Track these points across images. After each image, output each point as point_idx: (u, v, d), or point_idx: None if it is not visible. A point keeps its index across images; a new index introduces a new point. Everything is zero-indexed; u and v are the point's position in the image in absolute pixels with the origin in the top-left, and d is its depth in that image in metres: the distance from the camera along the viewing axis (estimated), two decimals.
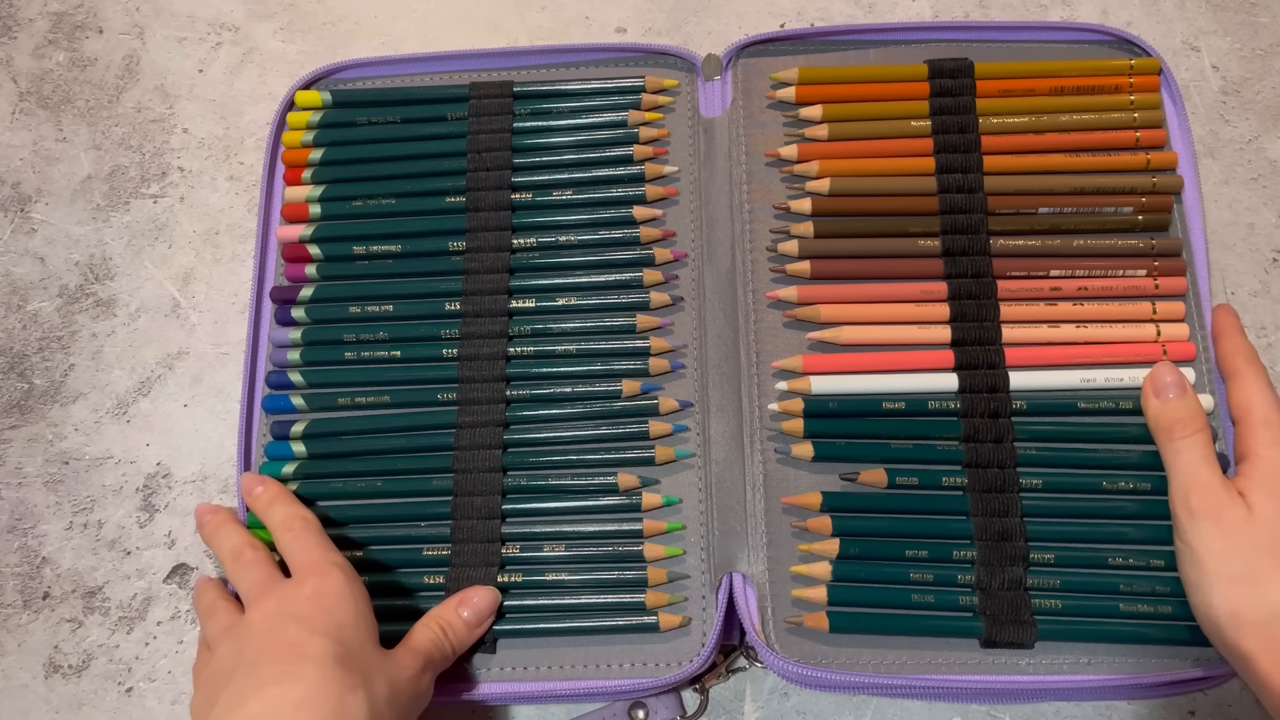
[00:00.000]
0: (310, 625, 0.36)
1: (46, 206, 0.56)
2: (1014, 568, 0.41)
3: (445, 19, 0.59)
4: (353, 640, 0.36)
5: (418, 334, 0.47)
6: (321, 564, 0.39)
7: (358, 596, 0.38)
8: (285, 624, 0.36)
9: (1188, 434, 0.40)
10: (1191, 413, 0.41)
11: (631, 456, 0.45)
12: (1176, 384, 0.42)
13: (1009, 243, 0.47)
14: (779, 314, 0.47)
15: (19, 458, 0.50)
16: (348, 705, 0.34)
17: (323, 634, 0.35)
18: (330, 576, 0.38)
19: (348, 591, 0.38)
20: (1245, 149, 0.53)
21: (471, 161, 0.50)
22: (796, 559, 0.42)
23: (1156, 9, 0.56)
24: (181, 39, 0.59)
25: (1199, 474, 0.39)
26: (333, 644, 0.35)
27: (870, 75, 0.50)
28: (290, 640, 0.35)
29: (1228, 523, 0.37)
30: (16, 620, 0.47)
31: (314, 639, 0.35)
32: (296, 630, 0.36)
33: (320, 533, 0.41)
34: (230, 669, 0.36)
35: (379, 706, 0.35)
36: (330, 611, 0.37)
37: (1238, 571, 0.37)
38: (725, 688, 0.44)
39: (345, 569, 0.39)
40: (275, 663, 0.35)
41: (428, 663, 0.38)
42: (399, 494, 0.45)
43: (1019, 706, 0.43)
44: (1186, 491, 0.39)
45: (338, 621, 0.36)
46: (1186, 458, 0.40)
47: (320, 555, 0.39)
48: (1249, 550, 0.37)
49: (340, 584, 0.38)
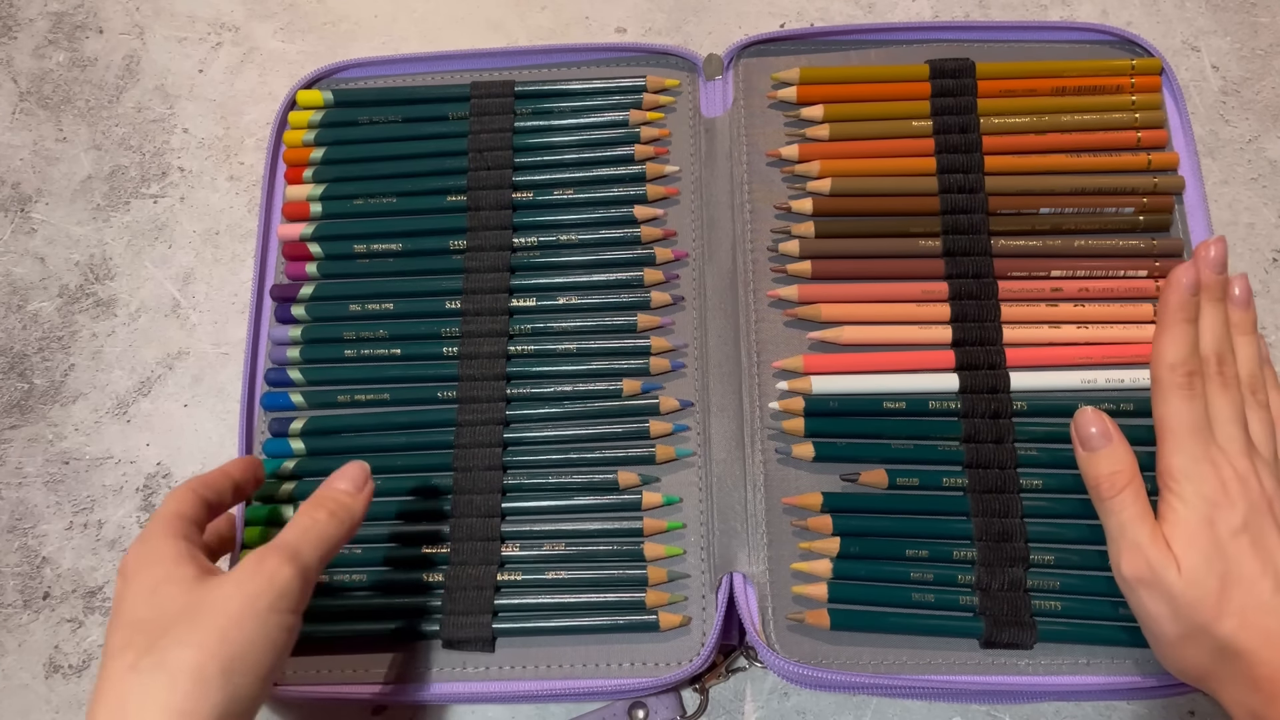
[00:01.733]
0: (115, 616, 0.34)
1: (46, 206, 0.56)
2: (1014, 568, 0.41)
3: (445, 19, 0.59)
4: (144, 614, 0.33)
5: (418, 332, 0.47)
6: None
7: (155, 556, 0.34)
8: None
9: (1115, 492, 0.37)
10: (1118, 466, 0.37)
11: (632, 456, 0.45)
12: (1102, 433, 0.38)
13: (1010, 243, 0.47)
14: (780, 314, 0.47)
15: (19, 458, 0.50)
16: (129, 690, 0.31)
17: (114, 626, 0.33)
18: (137, 542, 0.35)
19: (140, 552, 0.35)
20: (1245, 149, 0.53)
21: (472, 161, 0.50)
22: (797, 558, 0.42)
23: (1156, 9, 0.56)
24: (181, 39, 0.59)
25: (1128, 536, 0.36)
26: (118, 632, 0.33)
27: (871, 75, 0.50)
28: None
29: (1162, 587, 0.35)
30: (16, 620, 0.47)
31: (112, 635, 0.33)
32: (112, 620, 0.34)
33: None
34: None
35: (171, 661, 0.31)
36: (122, 586, 0.34)
37: (1180, 633, 0.35)
38: (725, 688, 0.44)
39: (157, 518, 0.36)
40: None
41: (271, 548, 0.34)
42: (398, 492, 0.45)
43: (1019, 707, 0.43)
44: (1118, 557, 0.36)
45: (121, 597, 0.34)
46: (1115, 520, 0.37)
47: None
48: (1186, 610, 0.34)
49: (136, 550, 0.35)
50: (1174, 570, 0.35)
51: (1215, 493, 0.35)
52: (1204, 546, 0.35)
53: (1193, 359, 0.37)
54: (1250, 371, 0.39)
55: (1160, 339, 0.38)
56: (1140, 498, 0.37)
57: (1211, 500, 0.35)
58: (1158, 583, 0.35)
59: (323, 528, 0.36)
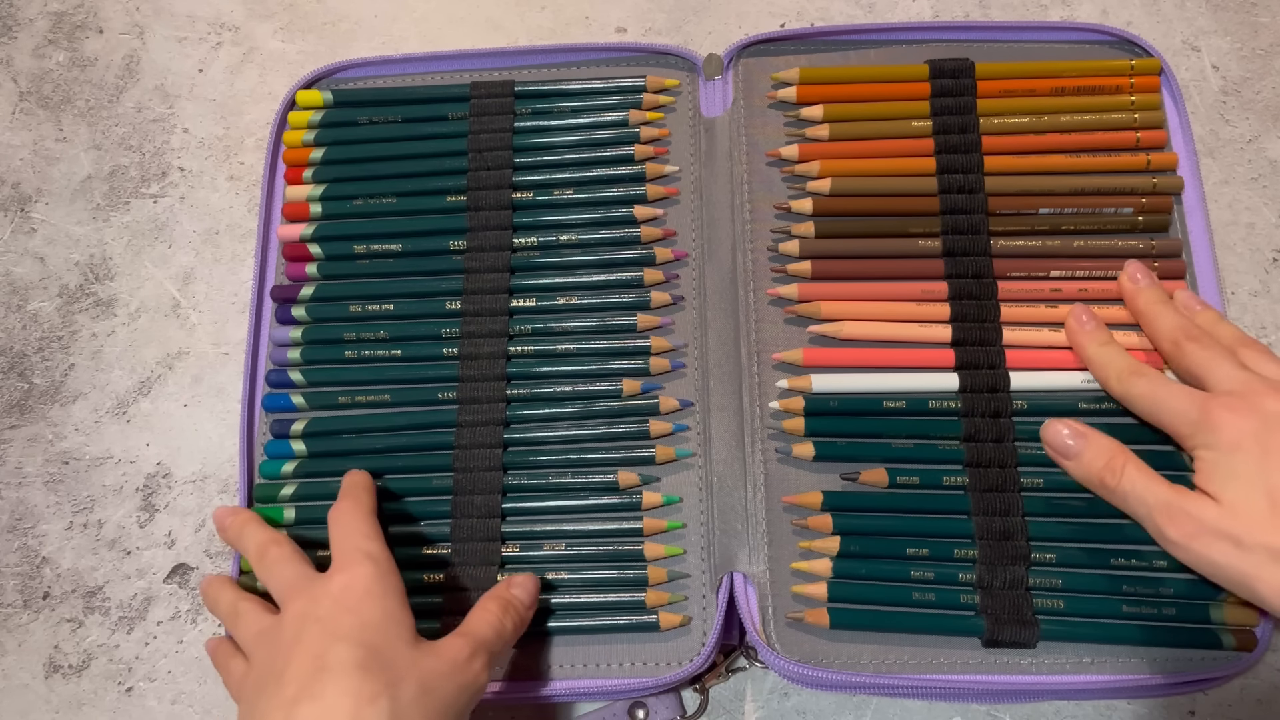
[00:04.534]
0: (333, 630, 0.35)
1: (46, 206, 0.56)
2: (1015, 567, 0.41)
3: (445, 19, 0.59)
4: (379, 640, 0.35)
5: (418, 333, 0.47)
6: (352, 556, 0.37)
7: (387, 591, 0.37)
8: (309, 629, 0.35)
9: (1118, 476, 0.38)
10: (1107, 454, 0.39)
11: (632, 456, 0.45)
12: (1075, 433, 0.40)
13: (1010, 243, 0.47)
14: (780, 313, 0.47)
15: (19, 458, 0.50)
16: (363, 718, 0.33)
17: (344, 639, 0.34)
18: (357, 570, 0.37)
19: (376, 587, 0.36)
20: (1245, 149, 0.53)
21: (472, 161, 0.50)
22: (797, 558, 0.42)
23: (1156, 9, 0.56)
24: (181, 39, 0.59)
25: (1151, 502, 0.37)
26: (354, 649, 0.34)
27: (871, 75, 0.50)
28: (312, 650, 0.34)
29: (1209, 526, 0.36)
30: (16, 620, 0.47)
31: (335, 646, 0.34)
32: (319, 636, 0.35)
33: (296, 551, 0.40)
34: (264, 681, 0.35)
35: (404, 710, 0.34)
36: (354, 611, 0.36)
37: (1258, 562, 0.35)
38: (725, 687, 0.44)
39: (377, 559, 0.37)
40: (296, 679, 0.34)
41: (479, 646, 0.37)
42: (399, 493, 0.45)
43: (1019, 706, 0.43)
44: (1160, 529, 0.37)
45: (362, 622, 0.35)
46: (1135, 498, 0.38)
47: (350, 546, 0.38)
48: (1247, 537, 0.35)
49: (368, 578, 0.37)
50: (1211, 506, 0.36)
51: (1227, 426, 0.37)
52: (1240, 473, 0.36)
53: (1129, 358, 0.41)
54: (1233, 335, 0.42)
55: (1095, 358, 0.42)
56: (1143, 466, 0.38)
57: (1226, 435, 0.37)
58: (1203, 525, 0.36)
59: (508, 635, 0.39)
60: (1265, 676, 0.43)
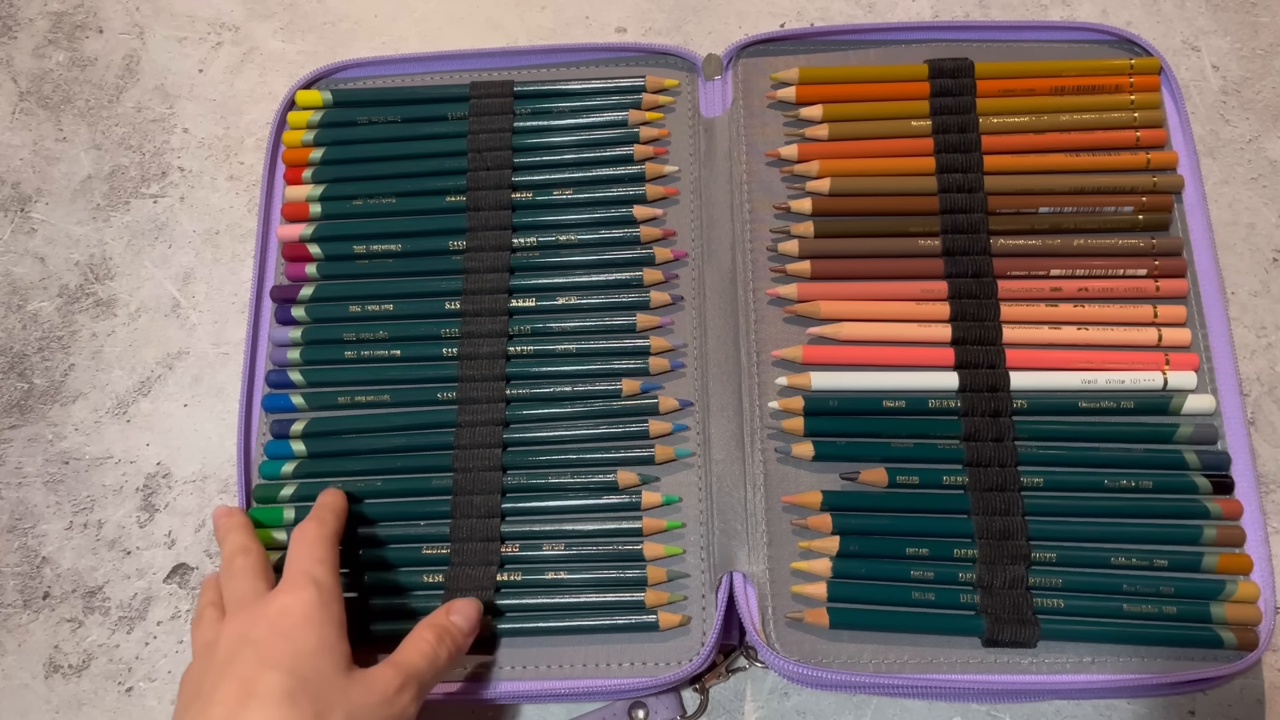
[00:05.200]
0: (265, 655, 0.35)
1: (46, 206, 0.56)
2: (1015, 566, 0.41)
3: (445, 19, 0.59)
4: (310, 670, 0.35)
5: (418, 333, 0.47)
6: (298, 579, 0.37)
7: (326, 620, 0.36)
8: (242, 652, 0.35)
9: None
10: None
11: (631, 456, 0.45)
12: None
13: (1009, 242, 0.47)
14: (779, 313, 0.47)
15: (19, 458, 0.50)
16: None
17: (275, 666, 0.34)
18: (299, 594, 0.36)
19: (316, 614, 0.36)
20: (1245, 149, 0.53)
21: (472, 161, 0.50)
22: (797, 558, 0.42)
23: (1156, 9, 0.56)
24: (181, 39, 0.59)
25: None
26: (284, 678, 0.34)
27: (870, 75, 0.50)
28: (242, 674, 0.34)
29: None
30: (16, 620, 0.47)
31: (265, 674, 0.34)
32: (250, 661, 0.34)
33: (259, 566, 0.40)
34: (192, 697, 0.35)
35: None
36: (289, 637, 0.35)
37: None
38: (725, 687, 0.44)
39: (322, 585, 0.37)
40: (223, 702, 0.33)
41: (409, 678, 0.36)
42: (398, 493, 0.45)
43: (1019, 706, 0.43)
44: None
45: (295, 649, 0.35)
46: None
47: (299, 569, 0.38)
48: None
49: (307, 604, 0.36)
50: None
51: None
52: None
53: None
54: None
55: None
56: None
57: None
58: None
59: (442, 665, 0.38)
60: (1265, 676, 0.43)
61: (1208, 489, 0.42)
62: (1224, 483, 0.43)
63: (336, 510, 0.42)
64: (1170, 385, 0.44)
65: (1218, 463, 0.43)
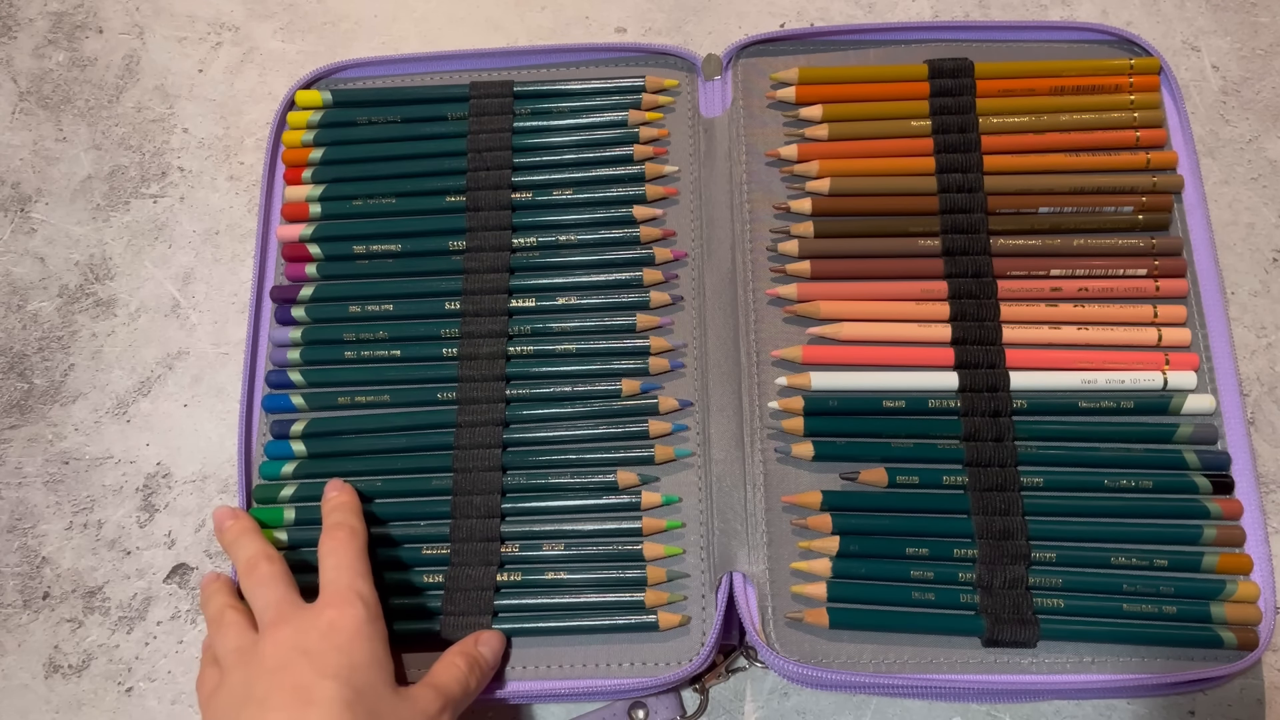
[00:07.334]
0: (321, 665, 0.35)
1: (46, 206, 0.56)
2: (1015, 566, 0.41)
3: (445, 19, 0.59)
4: (365, 684, 0.35)
5: (417, 333, 0.47)
6: (344, 594, 0.37)
7: (375, 635, 0.37)
8: (296, 661, 0.35)
9: None
10: None
11: (631, 456, 0.45)
12: None
13: (1009, 242, 0.47)
14: (779, 313, 0.47)
15: (19, 458, 0.50)
16: None
17: (333, 677, 0.34)
18: (349, 610, 0.37)
19: (366, 630, 0.36)
20: (1245, 149, 0.53)
21: (472, 161, 0.50)
22: (797, 558, 0.42)
23: (1156, 9, 0.56)
24: (181, 39, 0.59)
25: None
26: (342, 689, 0.34)
27: (870, 75, 0.50)
28: (299, 682, 0.34)
29: None
30: (16, 620, 0.47)
31: (323, 683, 0.34)
32: (306, 670, 0.35)
33: (286, 573, 0.39)
34: (240, 703, 0.35)
35: None
36: (344, 651, 0.35)
37: None
38: (725, 687, 0.44)
39: (368, 601, 0.37)
40: (282, 707, 0.34)
41: (448, 701, 0.37)
42: (398, 493, 0.45)
43: (1019, 706, 0.43)
44: None
45: (351, 663, 0.35)
46: None
47: (344, 584, 0.38)
48: None
49: (358, 619, 0.36)
50: None
51: None
52: None
53: None
54: None
55: None
56: None
57: None
58: None
59: (471, 693, 0.39)
60: (1265, 676, 0.43)
61: (1208, 489, 0.43)
62: (1224, 483, 0.43)
63: (359, 511, 0.42)
64: (1170, 385, 0.44)
65: (1218, 463, 0.43)
